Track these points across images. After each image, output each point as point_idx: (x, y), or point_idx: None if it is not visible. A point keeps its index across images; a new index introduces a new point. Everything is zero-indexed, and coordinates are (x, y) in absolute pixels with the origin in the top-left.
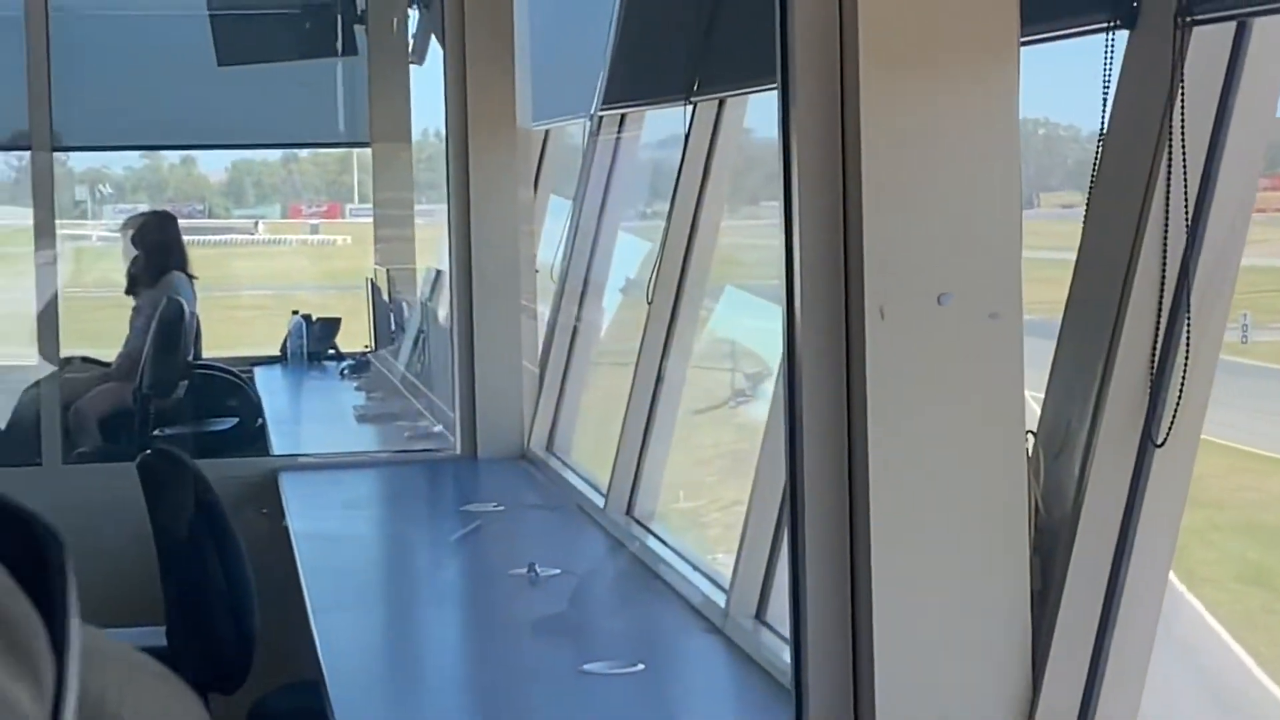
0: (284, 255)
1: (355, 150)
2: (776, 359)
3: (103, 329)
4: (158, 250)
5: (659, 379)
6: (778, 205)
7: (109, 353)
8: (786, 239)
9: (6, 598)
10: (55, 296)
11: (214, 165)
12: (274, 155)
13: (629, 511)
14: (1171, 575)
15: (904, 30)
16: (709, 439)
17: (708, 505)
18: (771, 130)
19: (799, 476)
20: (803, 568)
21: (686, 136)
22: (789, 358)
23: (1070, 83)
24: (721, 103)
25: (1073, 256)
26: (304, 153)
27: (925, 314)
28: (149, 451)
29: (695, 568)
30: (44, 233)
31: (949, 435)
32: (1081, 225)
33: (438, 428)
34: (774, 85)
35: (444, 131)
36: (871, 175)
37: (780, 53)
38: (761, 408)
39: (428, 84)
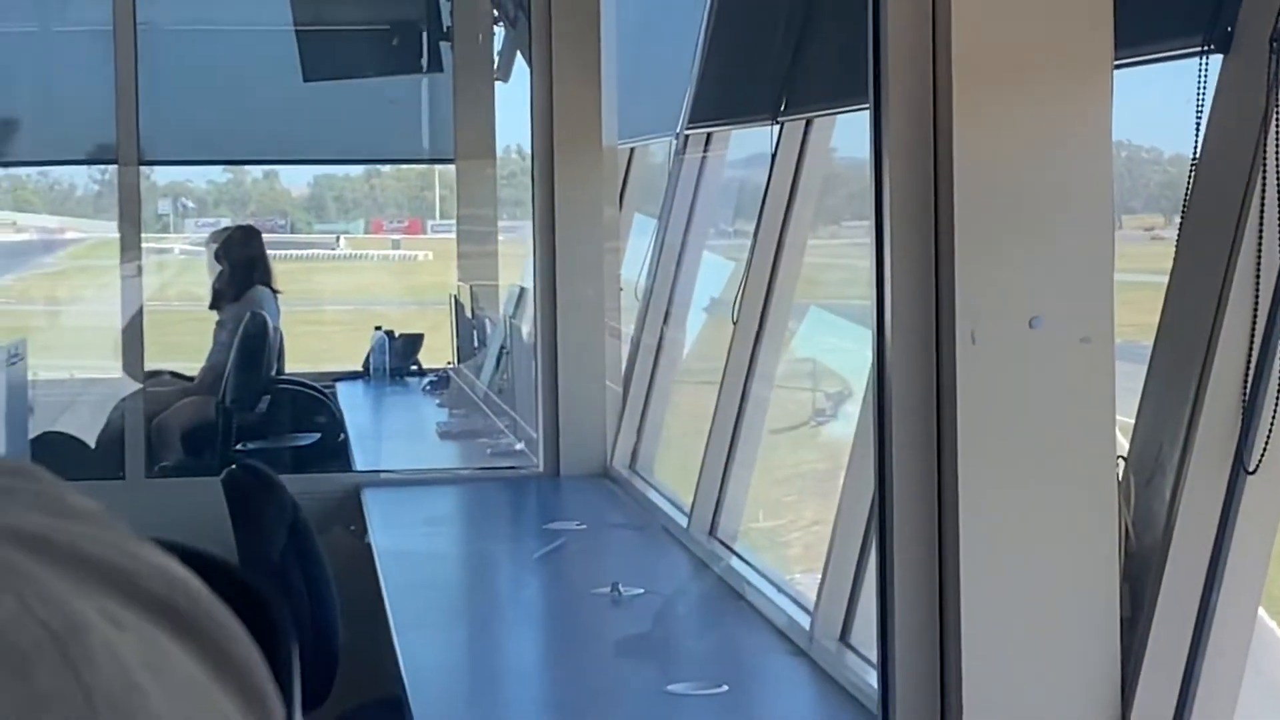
0: (366, 270)
1: (437, 166)
2: (858, 379)
3: (185, 342)
4: (242, 265)
5: (743, 398)
6: (860, 224)
7: (191, 366)
8: (877, 260)
9: (241, 648)
10: (140, 311)
11: (296, 180)
12: (356, 170)
13: (712, 531)
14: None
15: (997, 51)
16: (789, 458)
17: (787, 525)
18: (854, 149)
19: (888, 500)
20: (891, 592)
21: (773, 156)
22: (879, 380)
23: (1152, 105)
24: (808, 122)
25: (1155, 279)
26: (386, 168)
27: (1016, 338)
28: (235, 467)
29: (779, 589)
30: (129, 246)
31: (1039, 460)
32: (1173, 248)
33: (520, 445)
34: (862, 105)
35: (527, 148)
36: (963, 197)
37: (872, 73)
38: (842, 427)
39: (511, 101)
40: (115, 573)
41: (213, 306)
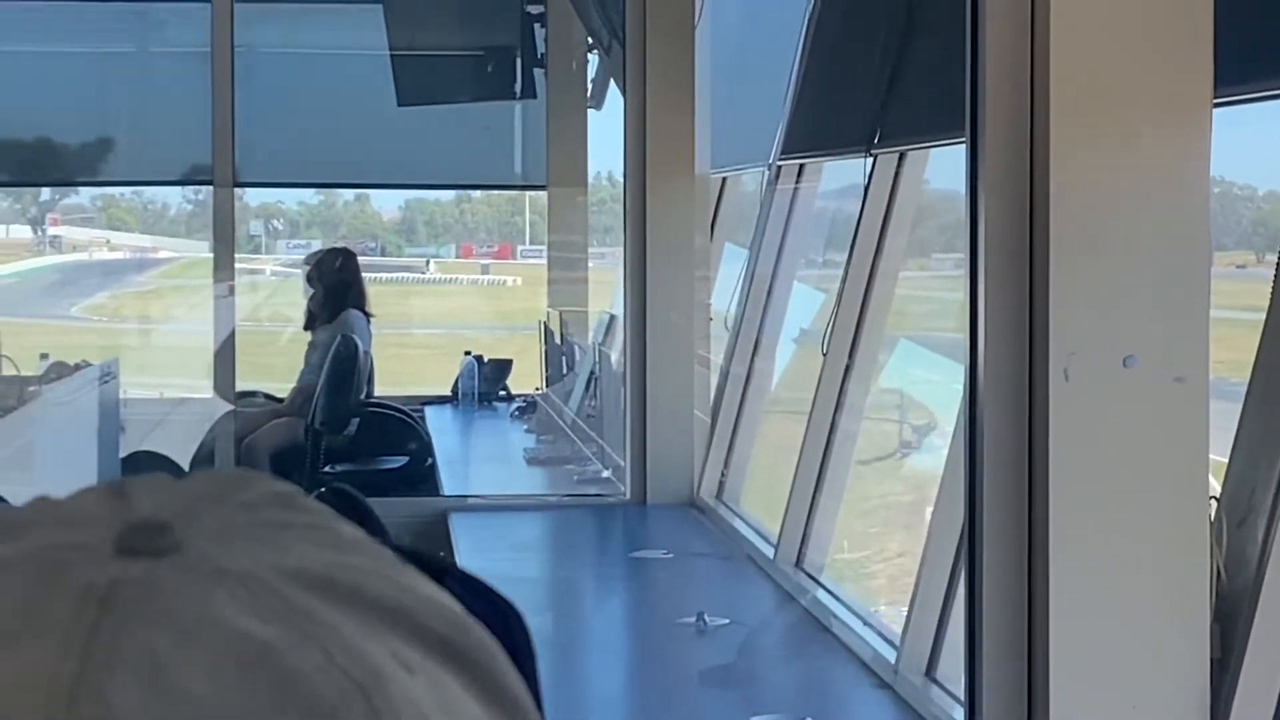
0: (455, 294)
1: (528, 192)
2: (944, 412)
3: (274, 363)
4: (336, 287)
5: (832, 430)
6: (949, 257)
7: (280, 388)
8: (971, 295)
9: (511, 679)
10: (232, 332)
11: (388, 203)
12: (447, 195)
13: (798, 563)
14: None
15: (1096, 87)
16: (874, 490)
17: (872, 556)
18: (946, 181)
19: (978, 535)
20: (980, 628)
21: (866, 188)
22: (970, 415)
23: (1245, 141)
24: (902, 155)
25: (1247, 316)
26: (477, 193)
27: (1110, 376)
28: (324, 490)
29: (864, 621)
30: (223, 267)
31: (1131, 499)
32: (1268, 286)
33: (606, 473)
34: (957, 139)
35: (616, 175)
36: (1059, 233)
37: (970, 107)
38: (928, 460)
39: (602, 128)
40: (397, 612)
41: (307, 328)
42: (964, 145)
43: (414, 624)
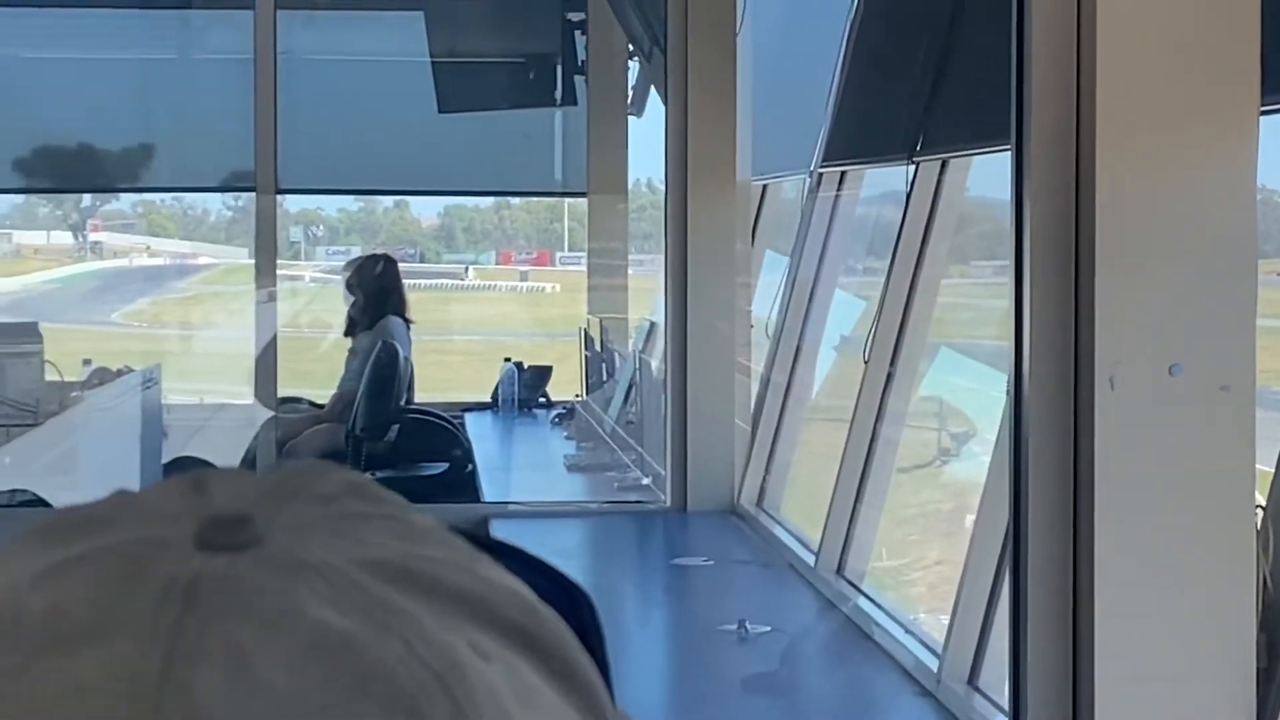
0: (494, 301)
1: (567, 199)
2: (984, 419)
3: (315, 369)
4: (377, 294)
5: (873, 438)
6: (989, 264)
7: (319, 394)
8: (1016, 303)
9: (584, 666)
10: (274, 338)
11: (427, 210)
12: (486, 202)
13: (839, 570)
14: None
15: (1142, 95)
16: (912, 498)
17: (910, 564)
18: (985, 189)
19: (1023, 544)
20: (1025, 636)
21: (908, 196)
22: (1015, 424)
23: None
24: (944, 163)
25: None
26: (516, 200)
27: (1155, 385)
28: None
29: (906, 629)
30: (264, 273)
31: (1176, 508)
32: None
33: (646, 480)
34: (1000, 146)
35: (655, 182)
36: (1105, 241)
37: (1015, 115)
38: (967, 468)
39: (640, 134)
40: (474, 601)
41: (347, 334)
42: (1006, 153)
43: (490, 613)
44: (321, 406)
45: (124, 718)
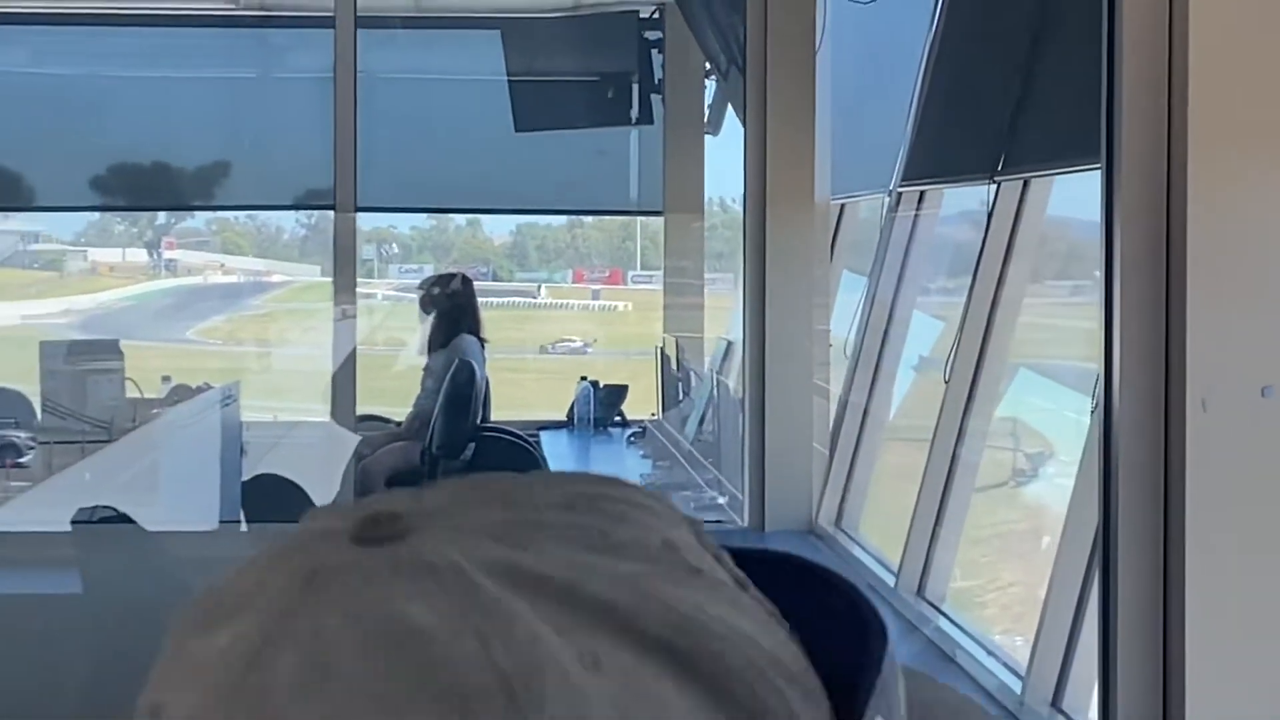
0: (566, 319)
1: (638, 217)
2: (1060, 440)
3: (388, 386)
4: (451, 312)
5: (953, 459)
6: (1065, 284)
7: (395, 411)
8: (1106, 325)
9: (747, 686)
10: (353, 356)
11: (499, 228)
12: (558, 220)
13: (919, 591)
14: None
15: (1234, 114)
16: (987, 518)
17: (985, 585)
18: (1061, 208)
19: (1114, 566)
20: (1115, 661)
21: (989, 216)
22: (1105, 446)
23: None
24: (1026, 182)
25: None
26: (588, 218)
27: (1249, 406)
28: None
29: (988, 651)
30: (343, 291)
31: (1270, 530)
32: None
33: (722, 500)
34: (1083, 166)
35: (728, 200)
36: (1197, 261)
37: (1105, 134)
38: (1044, 488)
39: (714, 153)
40: (613, 611)
41: (422, 352)
42: (1087, 172)
43: (630, 625)
44: (398, 424)
45: (212, 689)
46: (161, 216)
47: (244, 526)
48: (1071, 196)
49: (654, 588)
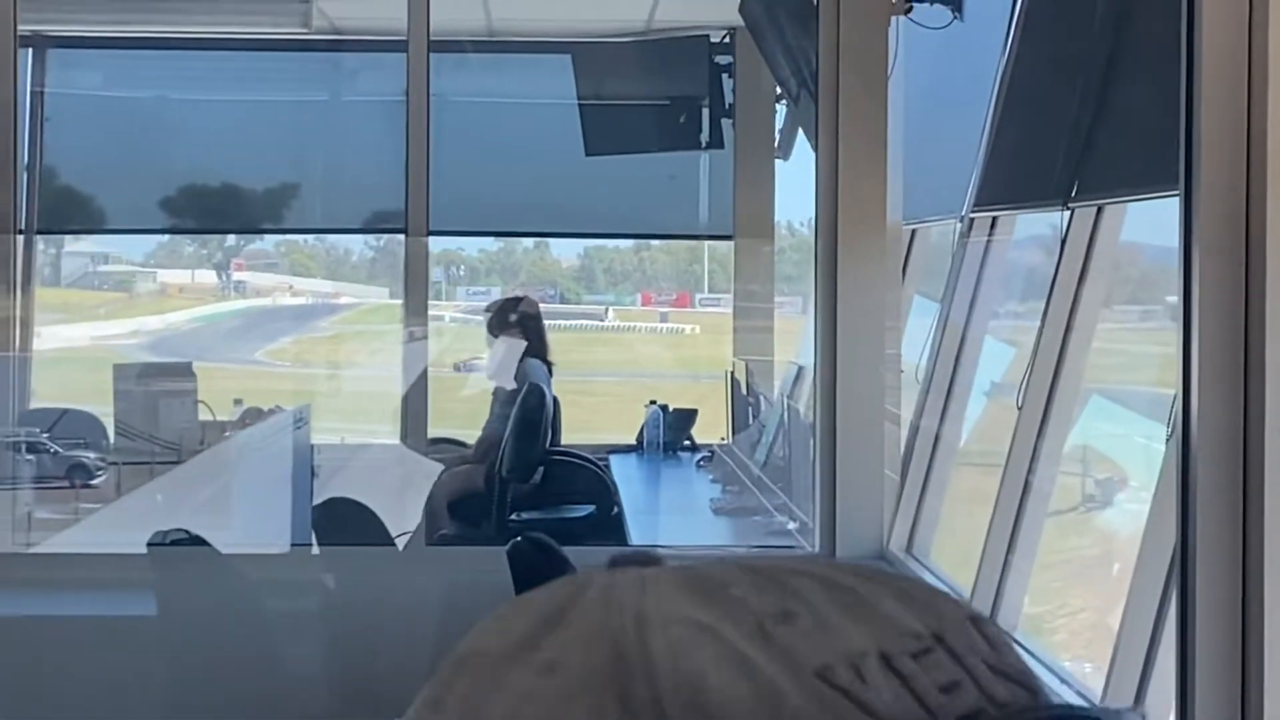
0: (634, 342)
1: (706, 241)
2: (1131, 465)
3: (456, 409)
4: (519, 336)
5: (1026, 486)
6: (1133, 309)
7: (466, 433)
8: (1184, 351)
9: None
10: (424, 377)
11: (567, 251)
12: (626, 242)
13: (992, 619)
14: None
15: None
16: (1055, 543)
17: (1053, 611)
18: (1132, 233)
19: (1190, 596)
20: (1192, 693)
21: (1063, 242)
22: (1182, 473)
23: None
24: (1100, 208)
25: None
26: (656, 241)
27: None
28: (520, 539)
29: (1060, 679)
30: (415, 314)
31: None
32: None
33: (792, 525)
34: (1160, 192)
35: (796, 224)
36: (1277, 288)
37: (1185, 161)
38: (1114, 515)
39: (783, 177)
40: None
41: (493, 375)
42: (1161, 199)
43: None
44: (468, 446)
45: None
46: (231, 238)
47: (315, 550)
48: (1143, 221)
49: None
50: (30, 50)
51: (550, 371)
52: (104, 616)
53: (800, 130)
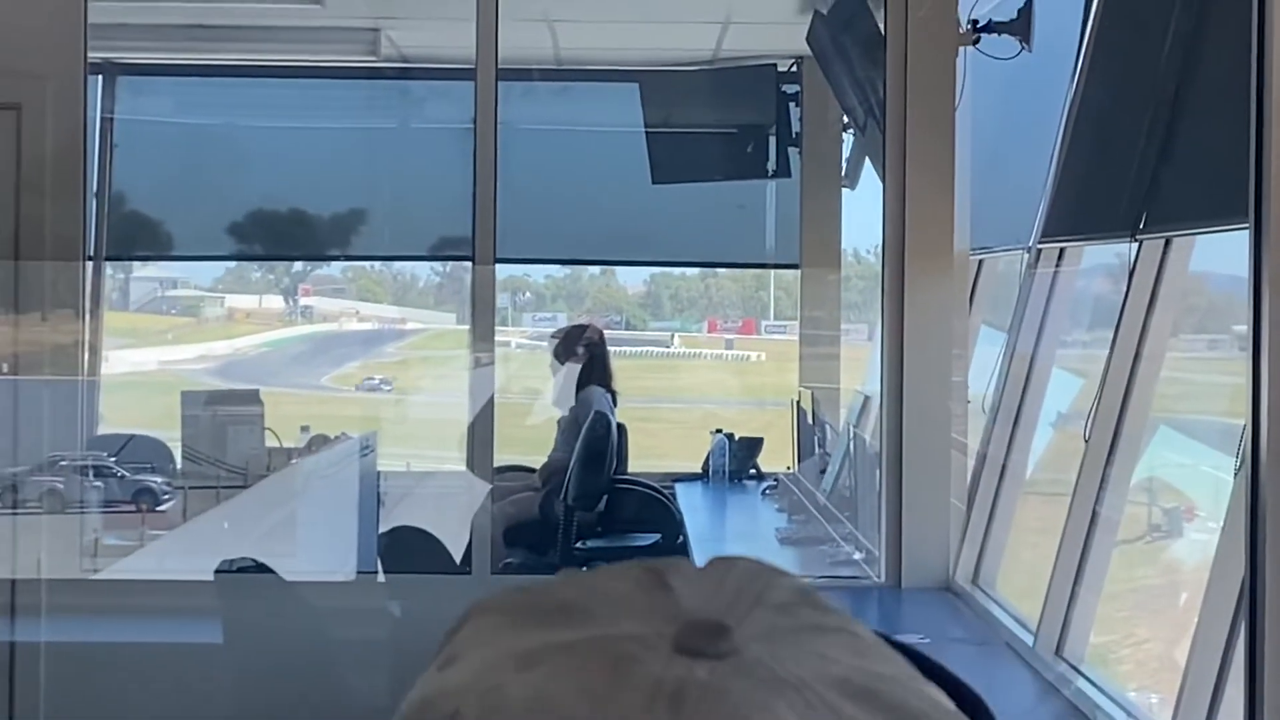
0: (699, 369)
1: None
2: (1198, 495)
3: (522, 435)
4: (584, 365)
5: (1093, 518)
6: (1201, 338)
7: (532, 459)
8: (1253, 386)
9: None
10: (490, 404)
11: (633, 277)
12: (692, 270)
13: (1059, 651)
14: None
15: None
16: (1120, 573)
17: (1119, 641)
18: (1198, 263)
19: (1259, 629)
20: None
21: (1130, 274)
22: (1251, 504)
23: None
24: (1168, 240)
25: None
26: (722, 268)
27: None
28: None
29: (1129, 714)
30: (482, 344)
31: None
32: None
33: (858, 555)
34: (1229, 225)
35: (862, 252)
36: None
37: (1254, 193)
38: (1180, 545)
39: (850, 204)
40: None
41: (555, 402)
42: (1230, 232)
43: None
44: (534, 472)
45: None
46: (298, 264)
47: (381, 577)
48: (1211, 249)
49: (933, 694)
50: (100, 77)
51: (614, 400)
52: (172, 643)
53: (867, 159)
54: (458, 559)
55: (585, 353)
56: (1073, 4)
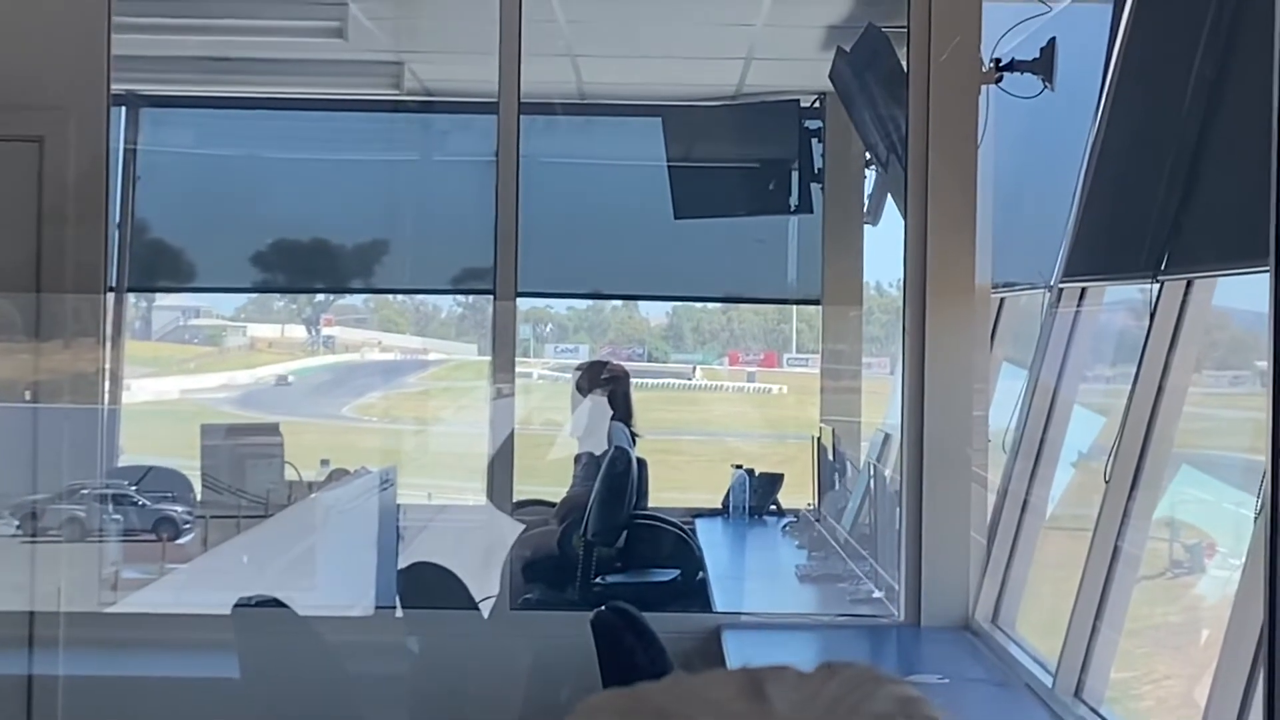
0: (721, 402)
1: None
2: (1218, 532)
3: (542, 469)
4: (604, 400)
5: (1114, 557)
6: (1224, 374)
7: (551, 491)
8: (1273, 428)
9: None
10: (511, 437)
11: (655, 310)
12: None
13: (1078, 693)
14: None
15: None
16: (1140, 610)
17: (1139, 678)
18: (1226, 299)
19: (1277, 674)
20: None
21: (1151, 315)
22: (1271, 543)
23: None
24: (1189, 281)
25: None
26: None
27: None
28: (604, 608)
29: None
30: (501, 372)
31: None
32: None
33: (878, 593)
34: (1251, 267)
35: (884, 286)
36: None
37: (1276, 233)
38: (1201, 582)
39: (871, 239)
40: None
41: (574, 435)
42: (1253, 274)
43: None
44: (553, 506)
45: None
46: (320, 294)
47: (399, 613)
48: (1234, 286)
49: None
50: (124, 109)
51: (634, 440)
52: (189, 678)
53: (889, 195)
54: (476, 594)
55: (609, 387)
56: (1096, 44)
